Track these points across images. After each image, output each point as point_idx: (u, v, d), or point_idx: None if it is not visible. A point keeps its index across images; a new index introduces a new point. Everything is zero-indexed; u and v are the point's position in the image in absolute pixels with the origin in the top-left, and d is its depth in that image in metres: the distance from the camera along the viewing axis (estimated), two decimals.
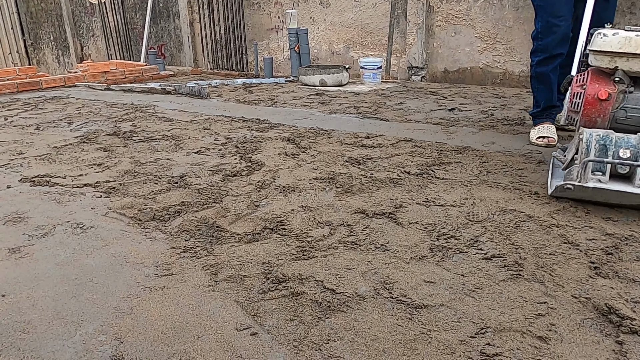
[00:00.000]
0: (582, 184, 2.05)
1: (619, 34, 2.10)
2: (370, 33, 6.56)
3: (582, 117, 2.23)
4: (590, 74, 2.24)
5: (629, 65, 2.12)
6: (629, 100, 2.15)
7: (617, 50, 2.10)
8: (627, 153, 2.00)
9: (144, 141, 3.56)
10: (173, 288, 1.66)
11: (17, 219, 2.26)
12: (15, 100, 5.62)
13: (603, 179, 2.04)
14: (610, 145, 2.04)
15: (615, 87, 2.16)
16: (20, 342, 1.40)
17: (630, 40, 2.07)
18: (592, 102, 2.18)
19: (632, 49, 2.07)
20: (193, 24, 8.44)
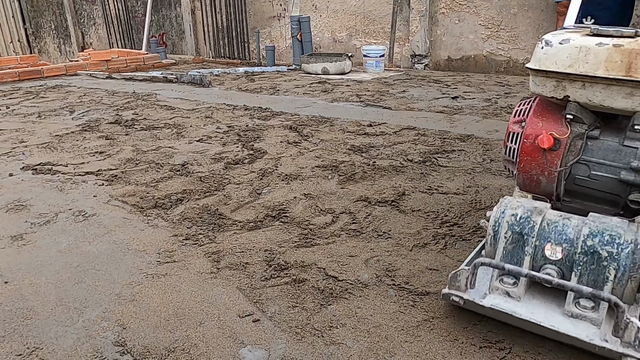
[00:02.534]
0: (473, 300, 1.30)
1: (570, 40, 1.32)
2: (373, 21, 6.49)
3: (519, 173, 1.48)
4: (534, 105, 1.48)
5: (587, 95, 1.32)
6: (593, 150, 1.38)
7: (566, 71, 1.32)
8: (557, 253, 1.24)
9: (146, 129, 3.54)
10: (175, 275, 1.66)
11: (20, 207, 2.26)
12: (16, 88, 5.61)
13: (514, 292, 1.29)
14: (531, 235, 1.27)
15: (568, 128, 1.39)
16: (23, 328, 1.41)
17: (588, 52, 1.28)
18: (531, 150, 1.43)
19: (590, 68, 1.29)
20: (194, 12, 8.38)
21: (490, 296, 1.31)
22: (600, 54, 1.28)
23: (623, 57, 1.25)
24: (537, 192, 1.49)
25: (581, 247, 1.21)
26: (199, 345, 1.31)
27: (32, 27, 11.60)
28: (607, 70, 1.28)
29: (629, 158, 1.33)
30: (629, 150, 1.34)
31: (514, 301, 1.29)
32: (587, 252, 1.21)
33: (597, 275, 1.20)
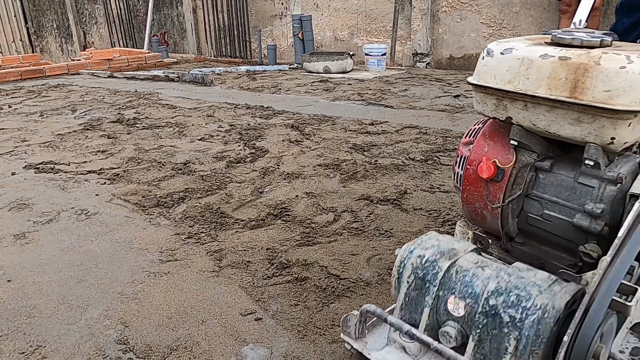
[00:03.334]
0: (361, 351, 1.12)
1: (513, 50, 1.09)
2: (374, 19, 6.49)
3: (463, 204, 1.27)
4: (486, 125, 1.27)
5: (530, 118, 1.09)
6: (545, 185, 1.14)
7: (505, 87, 1.10)
8: (460, 308, 1.02)
9: (148, 128, 3.55)
10: (177, 273, 1.66)
11: (22, 206, 2.27)
12: (19, 87, 5.62)
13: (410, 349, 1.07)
14: (433, 284, 1.05)
15: (513, 156, 1.16)
16: (26, 327, 1.41)
17: (530, 65, 1.05)
18: (473, 179, 1.22)
19: (531, 85, 1.06)
20: (196, 10, 8.38)
21: (387, 349, 1.10)
22: (543, 69, 1.04)
23: (569, 73, 1.00)
24: (484, 227, 1.27)
25: (482, 305, 0.98)
26: (201, 344, 1.32)
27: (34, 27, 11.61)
28: (549, 90, 1.03)
29: (584, 199, 1.07)
30: (585, 189, 1.07)
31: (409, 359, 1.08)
32: (488, 313, 0.97)
33: (498, 343, 0.97)
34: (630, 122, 0.98)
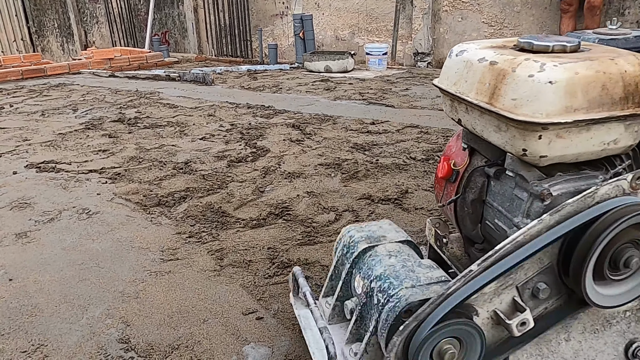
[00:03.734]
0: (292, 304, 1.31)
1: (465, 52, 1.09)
2: (375, 18, 6.48)
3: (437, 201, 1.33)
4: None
5: (471, 122, 1.09)
6: (494, 192, 1.13)
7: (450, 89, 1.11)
8: (360, 287, 1.11)
9: (149, 127, 3.55)
10: (179, 273, 1.66)
11: (24, 205, 2.27)
12: (20, 87, 5.62)
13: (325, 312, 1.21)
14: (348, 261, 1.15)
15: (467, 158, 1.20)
16: (28, 325, 1.42)
17: (470, 68, 1.05)
18: (437, 178, 1.28)
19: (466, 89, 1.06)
20: (197, 10, 8.38)
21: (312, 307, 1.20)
22: (476, 72, 1.03)
23: (491, 78, 0.98)
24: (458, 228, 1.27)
25: (367, 286, 1.07)
26: (203, 343, 1.32)
27: (35, 26, 11.62)
28: (476, 94, 1.02)
29: (517, 211, 1.05)
30: (518, 202, 1.05)
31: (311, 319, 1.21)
32: (368, 294, 1.07)
33: (368, 322, 1.06)
34: (539, 134, 0.92)
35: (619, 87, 0.91)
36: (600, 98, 0.91)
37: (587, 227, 0.89)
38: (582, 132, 0.93)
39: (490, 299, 0.94)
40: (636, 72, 0.91)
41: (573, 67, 0.90)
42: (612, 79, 0.90)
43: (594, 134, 0.93)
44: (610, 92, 0.91)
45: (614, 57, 0.93)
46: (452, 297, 0.88)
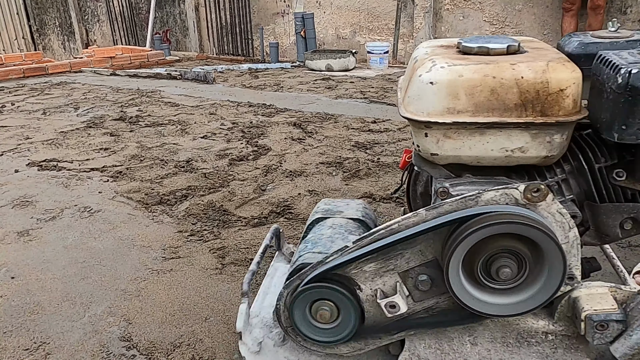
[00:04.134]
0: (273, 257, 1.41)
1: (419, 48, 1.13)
2: (377, 17, 6.48)
3: None
4: None
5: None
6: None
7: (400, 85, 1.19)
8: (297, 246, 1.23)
9: (150, 126, 3.55)
10: (180, 271, 1.66)
11: (25, 203, 2.27)
12: (21, 85, 5.63)
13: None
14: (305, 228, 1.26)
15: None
16: (30, 323, 1.42)
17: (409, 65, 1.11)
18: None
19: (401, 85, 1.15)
20: (198, 8, 8.38)
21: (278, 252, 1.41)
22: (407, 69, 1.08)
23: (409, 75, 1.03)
24: None
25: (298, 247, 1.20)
26: (205, 341, 1.32)
27: (37, 24, 11.63)
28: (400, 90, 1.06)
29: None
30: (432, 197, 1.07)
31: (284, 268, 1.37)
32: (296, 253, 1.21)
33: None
34: (425, 132, 0.94)
35: (513, 93, 0.89)
36: (489, 103, 0.89)
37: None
38: (475, 135, 0.93)
39: (372, 278, 1.00)
40: (537, 79, 0.87)
41: (459, 70, 0.90)
42: (504, 84, 0.88)
43: (491, 138, 0.92)
44: (502, 97, 0.89)
45: (519, 62, 0.90)
46: (326, 264, 0.99)
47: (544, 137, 0.90)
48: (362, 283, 1.01)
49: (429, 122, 0.93)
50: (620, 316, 0.86)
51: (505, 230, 0.86)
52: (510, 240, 0.88)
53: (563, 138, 0.91)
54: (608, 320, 0.86)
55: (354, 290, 1.01)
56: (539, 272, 0.89)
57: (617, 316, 0.86)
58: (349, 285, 1.01)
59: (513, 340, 1.00)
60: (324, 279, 1.01)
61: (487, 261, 0.91)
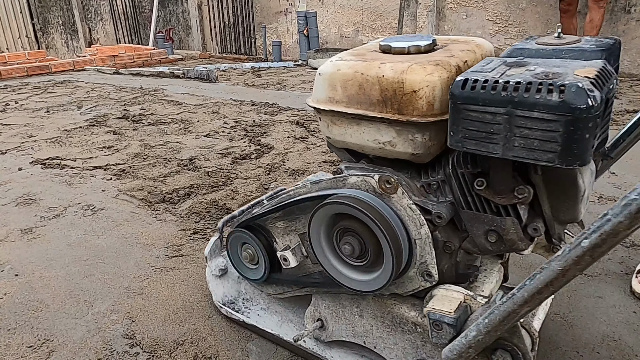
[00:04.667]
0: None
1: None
2: (380, 16, 6.47)
3: None
4: None
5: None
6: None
7: None
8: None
9: (153, 124, 3.56)
10: (183, 269, 1.67)
11: (29, 201, 2.28)
12: (25, 84, 5.64)
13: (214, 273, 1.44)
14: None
15: None
16: (34, 321, 1.42)
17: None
18: None
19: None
20: (201, 7, 8.38)
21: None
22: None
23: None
24: None
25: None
26: (208, 339, 1.32)
27: (40, 23, 11.65)
28: None
29: None
30: None
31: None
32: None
33: None
34: (319, 117, 1.08)
35: (375, 90, 0.94)
36: (357, 96, 0.97)
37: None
38: (353, 125, 1.01)
39: (283, 234, 1.17)
40: (394, 79, 0.91)
41: (339, 65, 1.00)
42: (369, 81, 0.94)
43: (365, 130, 1.00)
44: (367, 92, 0.95)
45: (388, 61, 0.95)
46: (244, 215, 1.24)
47: (406, 134, 0.94)
48: (277, 237, 1.18)
49: (318, 108, 1.05)
50: (452, 320, 0.88)
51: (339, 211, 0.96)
52: (354, 222, 0.96)
53: (425, 138, 0.93)
54: (441, 321, 0.89)
55: (270, 241, 1.19)
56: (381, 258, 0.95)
57: (449, 319, 0.88)
58: (267, 236, 1.19)
59: (389, 322, 1.06)
60: (248, 226, 1.21)
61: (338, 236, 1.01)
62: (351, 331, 1.14)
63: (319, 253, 1.04)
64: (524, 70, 0.81)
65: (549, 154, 0.75)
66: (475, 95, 0.79)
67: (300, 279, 1.18)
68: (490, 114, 0.79)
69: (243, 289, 1.41)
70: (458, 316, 0.88)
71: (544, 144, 0.75)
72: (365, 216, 0.91)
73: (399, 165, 1.03)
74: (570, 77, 0.75)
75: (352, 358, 1.17)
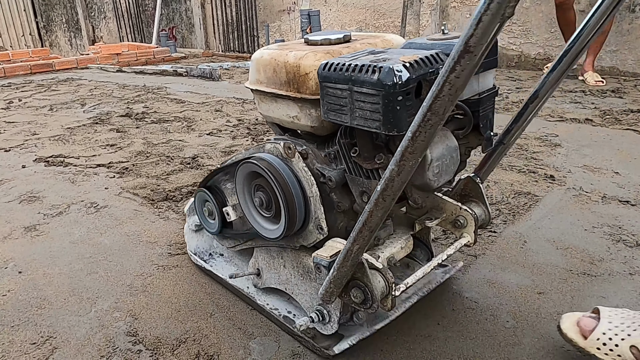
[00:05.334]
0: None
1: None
2: (383, 15, 6.46)
3: None
4: None
5: None
6: None
7: None
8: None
9: (156, 122, 3.56)
10: (186, 267, 1.67)
11: (32, 198, 2.29)
12: (28, 81, 5.66)
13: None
14: None
15: None
16: (37, 318, 1.43)
17: None
18: None
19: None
20: (204, 5, 8.38)
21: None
22: None
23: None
24: None
25: None
26: (210, 337, 1.33)
27: (44, 21, 11.67)
28: None
29: None
30: None
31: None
32: None
33: None
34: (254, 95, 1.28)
35: (283, 73, 1.14)
36: (273, 78, 1.17)
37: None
38: (272, 102, 1.21)
39: (231, 194, 1.39)
40: (294, 64, 1.10)
41: (262, 52, 1.20)
42: (279, 65, 1.14)
43: (281, 106, 1.19)
44: (278, 75, 1.15)
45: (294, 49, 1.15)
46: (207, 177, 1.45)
47: (305, 110, 1.13)
48: (228, 196, 1.40)
49: (250, 88, 1.26)
50: (326, 263, 1.05)
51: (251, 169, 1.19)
52: (262, 179, 1.18)
53: (318, 113, 1.11)
54: (320, 264, 1.06)
55: (224, 200, 1.41)
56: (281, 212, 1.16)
57: (324, 262, 1.05)
58: (221, 195, 1.41)
59: (302, 272, 1.25)
60: (208, 186, 1.44)
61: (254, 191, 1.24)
62: (278, 279, 1.34)
63: (243, 204, 1.27)
64: (372, 57, 0.99)
65: (376, 122, 0.94)
66: (329, 75, 0.99)
67: (244, 233, 1.39)
68: (339, 90, 0.98)
69: (215, 244, 1.66)
70: (332, 260, 1.04)
71: (372, 114, 0.94)
72: (266, 173, 1.13)
73: (312, 139, 1.21)
74: (392, 61, 0.93)
75: (283, 304, 1.38)
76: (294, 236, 1.20)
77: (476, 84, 1.14)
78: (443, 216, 1.23)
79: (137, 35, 9.68)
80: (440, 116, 0.69)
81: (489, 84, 1.17)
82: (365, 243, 0.92)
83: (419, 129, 0.71)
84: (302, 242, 1.20)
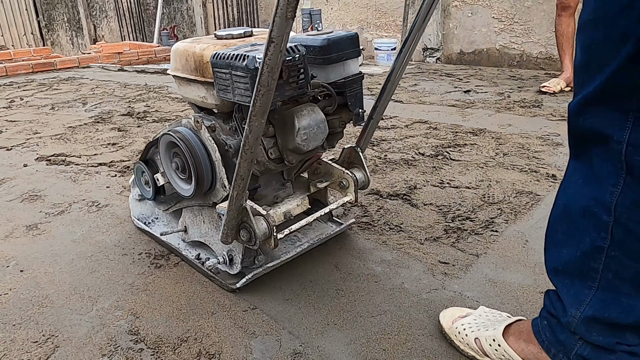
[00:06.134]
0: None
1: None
2: (384, 13, 6.45)
3: None
4: None
5: None
6: None
7: None
8: None
9: (158, 121, 3.56)
10: (187, 266, 1.67)
11: (34, 197, 2.29)
12: (30, 80, 5.66)
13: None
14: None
15: None
16: (39, 316, 1.43)
17: None
18: None
19: None
20: (206, 4, 8.38)
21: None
22: None
23: None
24: None
25: None
26: (211, 335, 1.33)
27: (45, 20, 11.68)
28: None
29: None
30: None
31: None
32: None
33: None
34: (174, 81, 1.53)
35: (192, 61, 1.38)
36: (186, 65, 1.42)
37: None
38: (187, 85, 1.45)
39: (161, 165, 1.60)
40: (200, 54, 1.35)
41: (178, 45, 1.46)
42: (189, 55, 1.39)
43: (194, 88, 1.43)
44: (189, 63, 1.40)
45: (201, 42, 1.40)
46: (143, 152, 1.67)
47: (210, 91, 1.37)
48: (159, 166, 1.62)
49: (171, 74, 1.51)
50: (223, 212, 1.30)
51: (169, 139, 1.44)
52: (177, 147, 1.42)
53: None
54: (220, 213, 1.34)
55: (157, 170, 1.63)
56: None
57: (222, 212, 1.31)
58: (155, 166, 1.65)
59: (217, 225, 1.52)
60: (144, 159, 1.66)
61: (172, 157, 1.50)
62: (199, 233, 1.59)
63: (166, 169, 1.53)
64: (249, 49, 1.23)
65: (247, 97, 1.19)
66: (217, 62, 1.25)
67: (172, 196, 1.65)
68: (223, 74, 1.24)
69: (156, 211, 1.86)
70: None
71: (244, 91, 1.20)
72: (180, 142, 1.38)
73: (223, 116, 1.43)
74: (259, 52, 1.18)
75: (204, 254, 1.64)
76: (206, 195, 1.45)
77: (342, 69, 1.41)
78: (332, 179, 1.55)
79: (138, 34, 9.69)
80: (266, 87, 1.00)
81: (354, 70, 1.46)
82: (241, 189, 1.19)
83: (256, 97, 1.02)
84: (213, 200, 1.44)
